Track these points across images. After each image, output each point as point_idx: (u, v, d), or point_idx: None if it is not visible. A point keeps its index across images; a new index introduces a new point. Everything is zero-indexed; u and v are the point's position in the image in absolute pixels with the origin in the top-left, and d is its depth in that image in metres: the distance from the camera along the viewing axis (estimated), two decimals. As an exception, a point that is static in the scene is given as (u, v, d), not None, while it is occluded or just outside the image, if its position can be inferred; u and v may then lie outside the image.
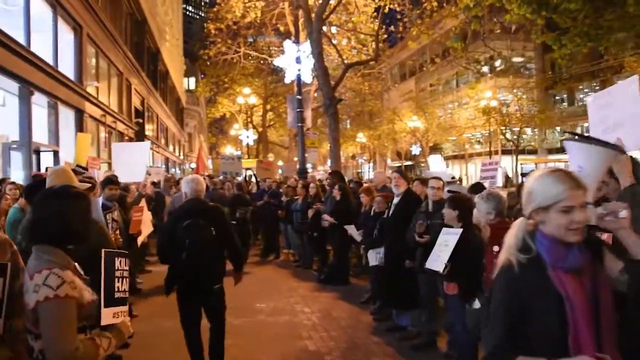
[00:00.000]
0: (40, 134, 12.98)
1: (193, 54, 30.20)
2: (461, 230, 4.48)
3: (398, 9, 13.96)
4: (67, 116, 14.73)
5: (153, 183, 16.27)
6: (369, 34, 14.81)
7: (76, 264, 2.31)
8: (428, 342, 5.62)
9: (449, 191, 6.10)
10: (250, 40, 23.30)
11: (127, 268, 2.50)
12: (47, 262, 2.14)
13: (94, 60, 17.83)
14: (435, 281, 5.20)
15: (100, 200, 5.56)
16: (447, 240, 4.56)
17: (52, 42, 13.61)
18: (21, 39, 11.29)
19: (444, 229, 4.75)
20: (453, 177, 9.72)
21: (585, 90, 45.07)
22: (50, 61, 12.99)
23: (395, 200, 6.05)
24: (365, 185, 9.59)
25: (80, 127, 15.36)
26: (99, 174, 8.20)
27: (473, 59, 12.90)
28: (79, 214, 2.30)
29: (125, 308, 2.46)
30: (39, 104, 12.94)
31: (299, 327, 6.53)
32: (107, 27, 17.96)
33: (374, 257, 6.43)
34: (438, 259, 4.54)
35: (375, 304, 6.99)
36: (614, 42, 9.65)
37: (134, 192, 8.28)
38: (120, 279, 2.44)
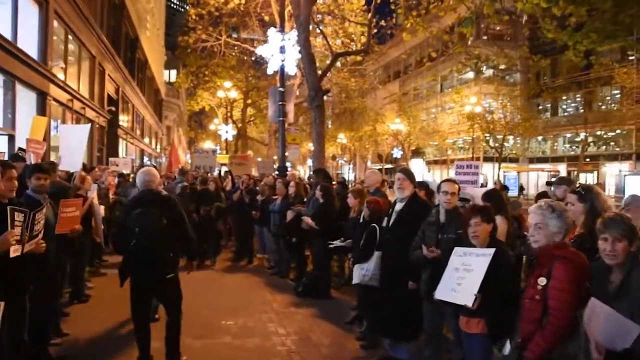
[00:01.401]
0: (-7, 116, 11.75)
1: (175, 46, 28.92)
2: (494, 250, 3.49)
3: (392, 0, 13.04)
4: (27, 98, 13.43)
5: (121, 174, 15.14)
6: (360, 22, 13.82)
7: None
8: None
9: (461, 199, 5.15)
10: (232, 29, 22.09)
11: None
12: None
13: (62, 40, 16.51)
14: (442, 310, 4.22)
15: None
16: (470, 263, 3.57)
17: (10, 14, 12.33)
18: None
19: (459, 249, 3.77)
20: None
21: (568, 100, 45.17)
22: (7, 35, 11.72)
23: (398, 206, 5.03)
24: (355, 186, 8.55)
25: (43, 111, 14.07)
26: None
27: (473, 55, 11.98)
28: None
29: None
30: (-7, 83, 11.70)
31: (270, 354, 5.47)
32: (78, 5, 16.66)
33: (358, 273, 5.42)
34: (458, 288, 3.54)
35: (363, 325, 5.99)
36: (632, 41, 8.79)
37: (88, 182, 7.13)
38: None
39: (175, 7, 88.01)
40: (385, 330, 5.10)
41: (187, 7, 22.06)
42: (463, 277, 3.60)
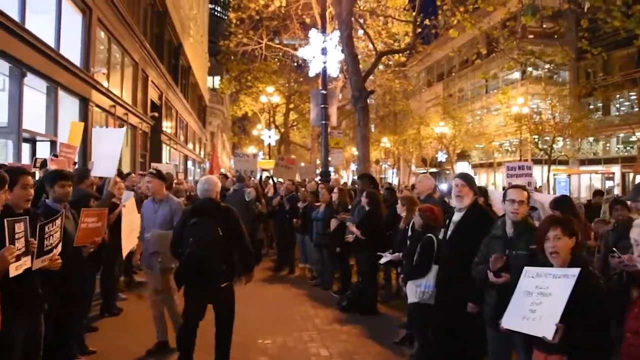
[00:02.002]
0: (36, 122, 11.72)
1: (218, 53, 28.97)
2: (578, 270, 2.89)
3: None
4: (69, 104, 13.43)
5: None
6: (405, 20, 13.19)
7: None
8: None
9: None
10: (274, 32, 21.80)
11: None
12: None
13: (105, 47, 16.56)
14: (511, 338, 3.61)
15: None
16: (547, 285, 2.98)
17: (54, 22, 12.32)
18: (15, 16, 10.02)
19: (530, 269, 3.17)
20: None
21: (621, 99, 43.19)
22: (50, 42, 11.70)
23: (456, 216, 4.43)
24: (405, 193, 7.96)
25: (85, 117, 14.08)
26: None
27: (526, 50, 11.21)
28: None
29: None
30: (36, 88, 11.68)
31: (311, 380, 4.97)
32: (121, 12, 16.69)
33: (414, 291, 4.85)
34: (532, 316, 2.95)
35: (413, 347, 5.41)
36: None
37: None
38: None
39: (219, 14, 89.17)
40: (441, 357, 4.51)
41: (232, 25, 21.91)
42: (539, 302, 3.00)
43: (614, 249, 4.24)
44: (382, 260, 5.89)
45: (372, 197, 7.15)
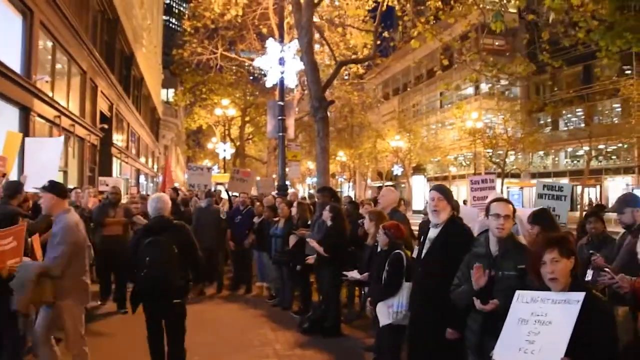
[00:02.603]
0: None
1: (173, 64, 28.11)
2: (583, 294, 2.52)
3: (398, 6, 12.17)
4: (7, 113, 12.50)
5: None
6: (365, 29, 12.94)
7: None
8: None
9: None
10: (229, 43, 21.21)
11: None
12: None
13: (49, 53, 15.64)
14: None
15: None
16: (545, 312, 2.60)
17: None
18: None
19: (524, 293, 2.79)
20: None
21: (569, 115, 44.73)
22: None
23: (432, 232, 4.01)
24: (369, 207, 7.53)
25: (26, 127, 13.15)
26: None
27: (488, 62, 11.11)
28: None
29: None
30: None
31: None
32: (67, 17, 15.82)
33: (387, 312, 4.43)
34: (531, 348, 2.55)
35: (383, 374, 4.97)
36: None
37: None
38: None
39: (173, 26, 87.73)
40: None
41: (186, 34, 21.28)
42: (537, 332, 2.62)
43: (608, 266, 3.93)
44: (346, 279, 5.44)
45: (335, 211, 6.71)
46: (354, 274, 5.22)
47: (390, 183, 58.70)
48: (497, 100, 44.33)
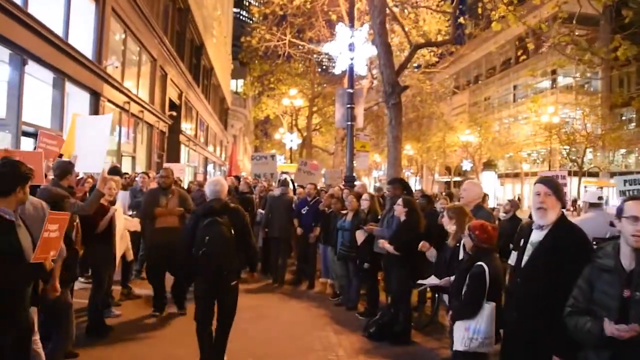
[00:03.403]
0: (40, 115, 10.92)
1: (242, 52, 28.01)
2: None
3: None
4: (79, 98, 12.63)
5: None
6: (443, 11, 12.07)
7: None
8: None
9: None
10: (298, 31, 20.74)
11: None
12: None
13: (120, 40, 15.76)
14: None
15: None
16: None
17: (62, 9, 11.52)
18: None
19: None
20: (600, 198, 6.80)
21: (656, 110, 41.63)
22: (57, 30, 10.88)
23: (536, 236, 3.26)
24: (454, 203, 6.79)
25: (96, 112, 13.27)
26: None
27: (580, 45, 9.99)
28: None
29: None
30: (41, 79, 10.87)
31: None
32: (138, 5, 15.90)
33: (462, 336, 3.73)
34: None
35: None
36: None
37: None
38: None
39: (244, 18, 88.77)
40: None
41: (254, 21, 21.02)
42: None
43: None
44: (424, 286, 4.74)
45: (410, 205, 6.03)
46: (432, 280, 4.52)
47: (458, 178, 57.01)
48: (575, 94, 41.89)
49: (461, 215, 4.59)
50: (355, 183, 12.05)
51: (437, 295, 6.76)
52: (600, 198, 6.92)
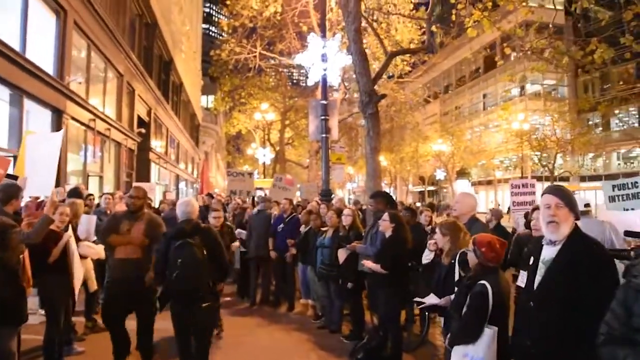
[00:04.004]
0: (-4, 135, 10.26)
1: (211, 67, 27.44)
2: None
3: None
4: (40, 115, 11.98)
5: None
6: (417, 17, 11.83)
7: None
8: None
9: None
10: (268, 44, 20.38)
11: None
12: None
13: (84, 55, 15.13)
14: None
15: None
16: None
17: (19, 22, 10.91)
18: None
19: None
20: (587, 205, 6.54)
21: (621, 114, 42.52)
22: (14, 44, 10.27)
23: (548, 252, 2.90)
24: (429, 214, 6.45)
25: (58, 130, 12.59)
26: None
27: (558, 49, 9.84)
28: None
29: None
30: (-4, 97, 10.23)
31: None
32: (102, 18, 15.32)
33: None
34: None
35: None
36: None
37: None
38: None
39: (213, 34, 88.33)
40: None
41: (226, 37, 20.60)
42: None
43: None
44: (422, 306, 4.29)
45: (396, 220, 5.63)
46: (431, 299, 4.10)
47: (432, 188, 57.25)
48: (544, 100, 42.60)
49: (455, 230, 4.22)
50: (334, 196, 11.70)
51: (426, 313, 6.37)
52: (587, 205, 6.67)
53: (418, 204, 24.38)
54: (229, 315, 7.83)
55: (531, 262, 3.02)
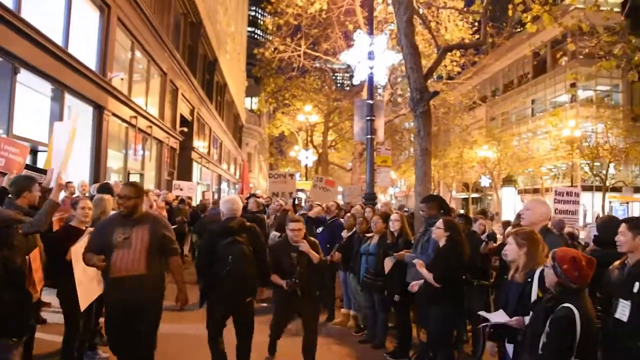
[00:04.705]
0: (38, 129, 10.15)
1: (258, 78, 27.16)
2: None
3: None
4: (81, 111, 11.87)
5: (182, 200, 13.21)
6: (473, 12, 11.15)
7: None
8: None
9: None
10: (312, 43, 19.90)
11: None
12: None
13: (127, 52, 15.04)
14: None
15: None
16: None
17: (63, 17, 10.80)
18: (8, 3, 8.46)
19: None
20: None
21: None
22: (57, 39, 10.14)
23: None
24: (483, 222, 5.77)
25: (99, 126, 12.52)
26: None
27: (631, 46, 9.04)
28: None
29: None
30: (37, 89, 10.10)
31: None
32: (147, 15, 15.21)
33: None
34: None
35: None
36: None
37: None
38: None
39: (258, 37, 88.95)
40: None
41: (271, 37, 20.31)
42: None
43: None
44: (491, 322, 3.63)
45: (452, 228, 4.99)
46: (498, 317, 3.46)
47: (476, 195, 55.75)
48: (596, 107, 40.78)
49: (534, 242, 3.57)
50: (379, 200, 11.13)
51: (486, 331, 5.71)
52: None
53: (461, 211, 23.39)
54: (263, 322, 7.33)
55: (636, 290, 2.39)
